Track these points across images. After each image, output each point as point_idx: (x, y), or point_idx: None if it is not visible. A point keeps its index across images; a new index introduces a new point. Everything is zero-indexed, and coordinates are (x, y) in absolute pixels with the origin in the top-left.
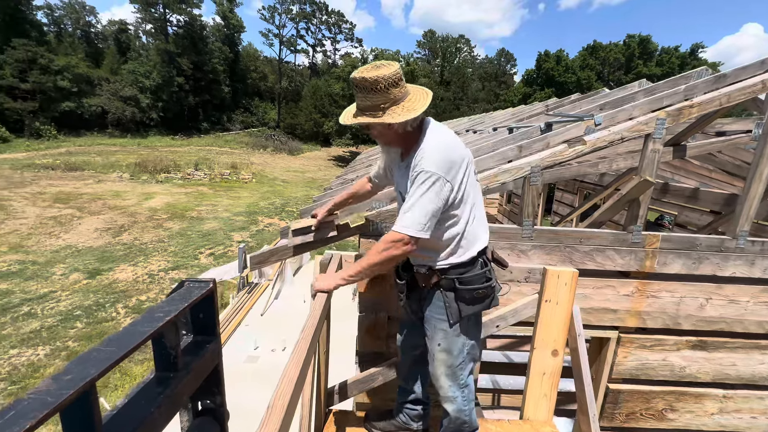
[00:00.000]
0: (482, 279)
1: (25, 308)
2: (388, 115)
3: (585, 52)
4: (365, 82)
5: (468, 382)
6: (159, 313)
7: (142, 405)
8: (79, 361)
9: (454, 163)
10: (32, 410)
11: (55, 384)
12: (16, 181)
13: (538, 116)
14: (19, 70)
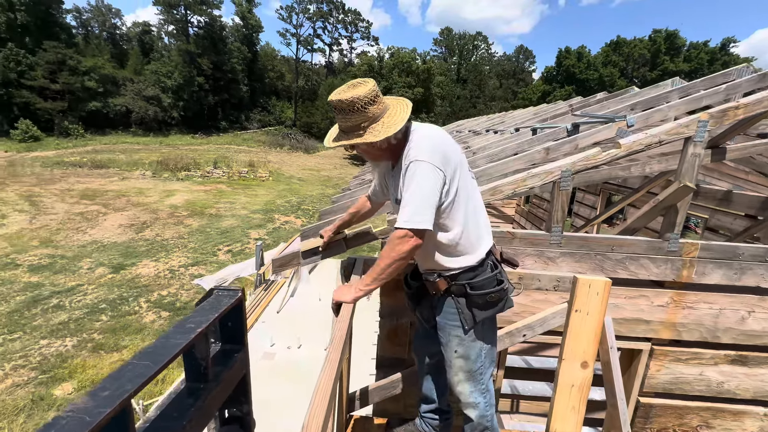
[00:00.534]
0: (493, 282)
1: (54, 300)
2: (369, 134)
3: (608, 48)
4: (342, 104)
5: (489, 386)
6: (190, 324)
7: (174, 418)
8: (115, 377)
9: (444, 154)
10: (71, 431)
11: (93, 401)
12: (47, 178)
13: (563, 116)
14: (49, 71)
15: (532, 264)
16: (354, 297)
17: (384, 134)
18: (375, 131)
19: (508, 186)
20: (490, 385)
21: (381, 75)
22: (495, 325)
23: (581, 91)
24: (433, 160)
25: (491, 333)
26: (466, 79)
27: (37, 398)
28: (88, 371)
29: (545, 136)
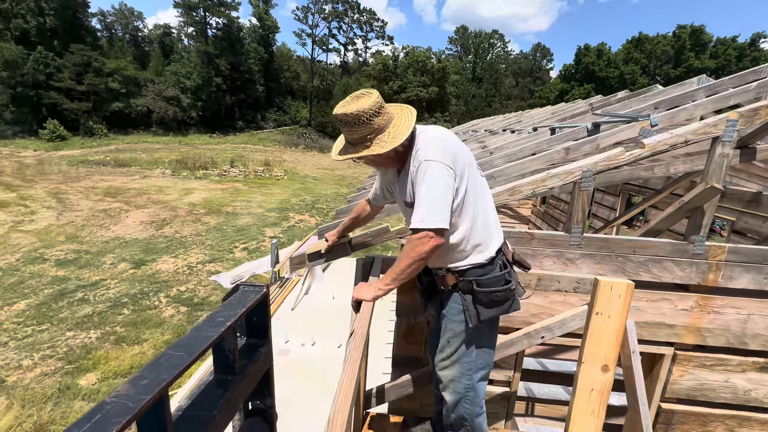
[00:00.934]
0: (501, 281)
1: (79, 294)
2: (376, 145)
3: (629, 44)
4: (347, 117)
5: (476, 387)
6: (220, 318)
7: (205, 407)
8: (152, 366)
9: (452, 153)
10: (115, 415)
11: (133, 388)
12: (72, 176)
13: (583, 115)
14: (75, 73)
15: (551, 265)
16: (374, 295)
17: (391, 145)
18: (382, 142)
19: (527, 186)
20: (479, 387)
21: (395, 74)
22: (496, 328)
23: (601, 89)
24: (443, 159)
25: (491, 335)
26: (482, 77)
27: (64, 387)
28: (111, 363)
29: (564, 136)
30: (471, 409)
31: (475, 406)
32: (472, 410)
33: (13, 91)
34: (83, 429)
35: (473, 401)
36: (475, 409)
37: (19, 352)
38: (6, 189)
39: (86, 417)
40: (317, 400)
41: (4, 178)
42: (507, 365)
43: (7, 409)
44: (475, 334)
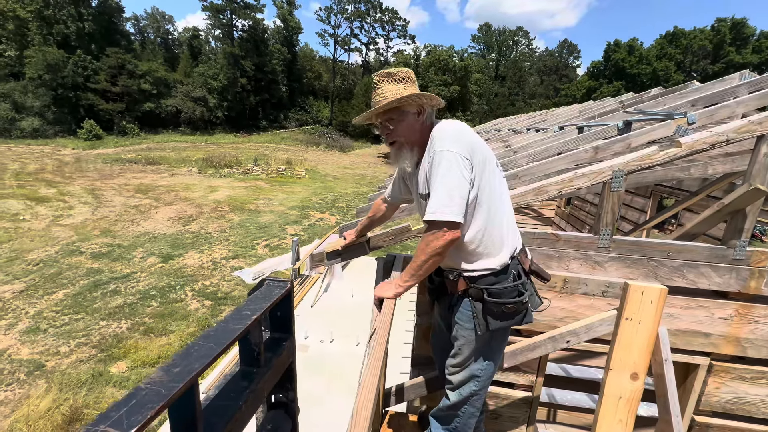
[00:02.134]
0: (513, 293)
1: (112, 286)
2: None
3: (663, 39)
4: (401, 72)
5: (480, 390)
6: (246, 311)
7: (231, 398)
8: (183, 355)
9: (470, 144)
10: (149, 401)
11: (166, 376)
12: (107, 174)
13: (612, 114)
14: (111, 75)
15: (578, 268)
16: (395, 293)
17: (427, 96)
18: (421, 95)
19: (553, 186)
20: (482, 392)
21: (417, 73)
22: (506, 337)
23: (631, 87)
24: (459, 150)
25: (500, 343)
26: (505, 76)
27: (97, 374)
28: (140, 352)
29: (593, 135)
30: (469, 409)
31: (472, 408)
32: (468, 410)
33: (54, 93)
34: (120, 412)
35: (473, 403)
36: (472, 410)
37: (57, 338)
38: (47, 185)
39: (123, 401)
40: (335, 396)
41: (45, 175)
42: (530, 369)
43: (46, 392)
44: (484, 341)
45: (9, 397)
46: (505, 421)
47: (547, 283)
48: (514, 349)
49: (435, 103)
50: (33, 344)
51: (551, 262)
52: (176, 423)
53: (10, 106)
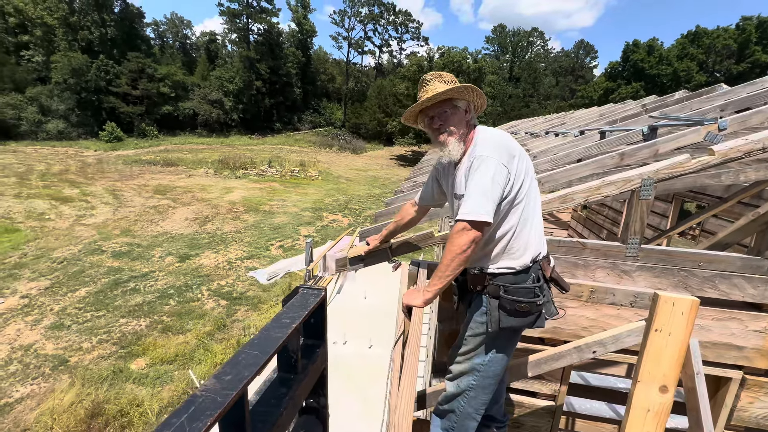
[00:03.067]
0: (530, 293)
1: (131, 284)
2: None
3: (684, 39)
4: (448, 76)
5: (479, 388)
6: (285, 319)
7: (272, 404)
8: (233, 363)
9: (510, 152)
10: (207, 408)
11: (219, 384)
12: (127, 175)
13: (635, 118)
14: (131, 79)
15: (604, 277)
16: (424, 300)
17: (480, 93)
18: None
19: (580, 194)
20: (481, 392)
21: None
22: (516, 340)
23: (651, 87)
24: (498, 156)
25: (509, 345)
26: (519, 77)
27: (117, 370)
28: (158, 350)
29: (616, 140)
30: (465, 408)
31: (469, 407)
32: (465, 409)
33: (78, 96)
34: (182, 419)
35: (470, 402)
36: (468, 409)
37: (80, 335)
38: (71, 185)
39: (182, 409)
40: (346, 398)
41: (69, 176)
42: (553, 378)
43: (70, 387)
44: (493, 339)
45: (35, 391)
46: (527, 431)
47: (565, 293)
48: (538, 358)
49: (481, 103)
50: (57, 340)
51: (577, 270)
52: (227, 429)
53: (37, 110)
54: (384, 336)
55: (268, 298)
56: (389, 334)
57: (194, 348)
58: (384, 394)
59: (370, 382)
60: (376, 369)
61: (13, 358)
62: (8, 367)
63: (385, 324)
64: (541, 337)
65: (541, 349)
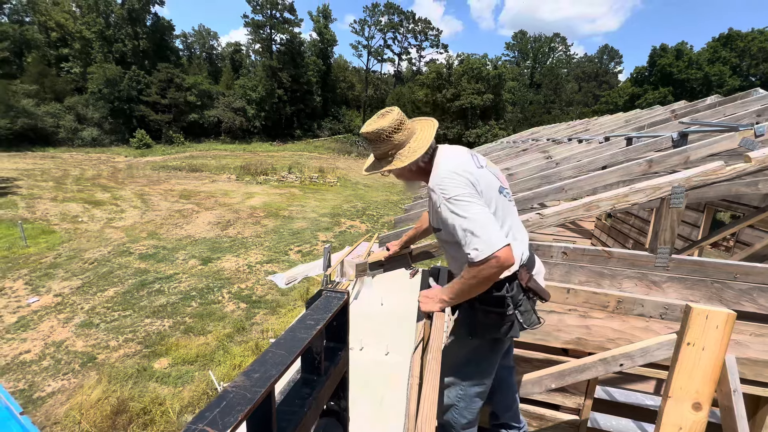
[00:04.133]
0: (500, 303)
1: (156, 285)
2: (397, 160)
3: (716, 42)
4: (370, 135)
5: (467, 397)
6: (310, 321)
7: (297, 404)
8: (261, 362)
9: (467, 178)
10: (237, 404)
11: (248, 381)
12: (154, 180)
13: (664, 124)
14: (161, 88)
15: (632, 288)
16: (439, 308)
17: (409, 159)
18: (402, 157)
19: (606, 201)
20: (471, 400)
21: (449, 82)
22: (498, 350)
23: (680, 93)
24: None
25: (490, 355)
26: (541, 83)
27: (141, 369)
28: (180, 350)
29: (644, 147)
30: (458, 419)
31: (461, 418)
32: (459, 421)
33: (111, 105)
34: (214, 413)
35: (461, 412)
36: (461, 420)
37: (107, 333)
38: (103, 190)
39: (215, 403)
40: (361, 405)
41: (101, 181)
42: (577, 392)
43: (97, 383)
44: (473, 347)
45: (65, 386)
46: None
47: (546, 302)
48: (561, 369)
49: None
50: (86, 337)
51: (603, 280)
52: (254, 425)
53: (73, 118)
54: (401, 343)
55: (286, 302)
56: (406, 341)
57: (214, 349)
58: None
59: (387, 389)
60: (393, 376)
61: (46, 354)
62: (42, 362)
63: (402, 331)
64: (564, 348)
65: (564, 361)
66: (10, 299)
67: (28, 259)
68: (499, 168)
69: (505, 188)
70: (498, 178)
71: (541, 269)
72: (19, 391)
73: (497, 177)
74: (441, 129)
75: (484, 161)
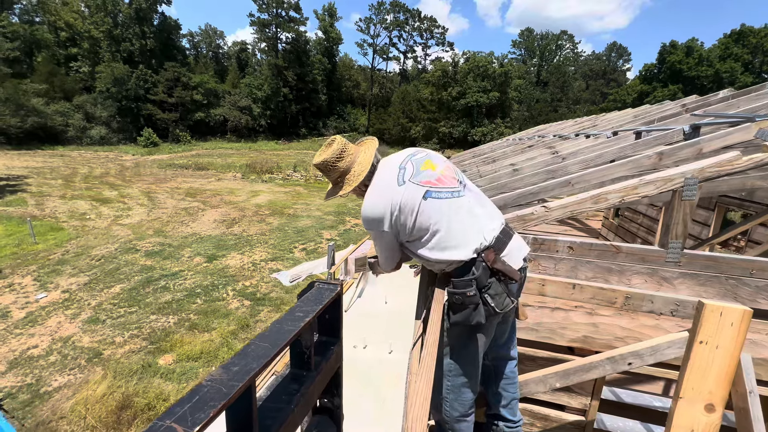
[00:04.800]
0: (467, 286)
1: (162, 282)
2: (346, 185)
3: (728, 39)
4: (319, 166)
5: (456, 390)
6: (298, 313)
7: (284, 400)
8: (242, 355)
9: (377, 216)
10: (211, 399)
11: (226, 374)
12: (161, 178)
13: (675, 118)
14: (167, 87)
15: (641, 284)
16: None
17: (355, 183)
18: (350, 181)
19: (614, 194)
20: (459, 392)
21: (455, 80)
22: (475, 340)
23: (690, 90)
24: (374, 227)
25: (468, 345)
26: (547, 81)
27: (146, 365)
28: (185, 347)
29: (654, 140)
30: (450, 412)
31: (453, 411)
32: (450, 414)
33: (119, 104)
34: (184, 408)
35: (452, 404)
36: (453, 413)
37: (113, 329)
38: (110, 188)
39: (187, 398)
40: (364, 403)
41: (109, 179)
42: (583, 391)
43: (103, 379)
44: (453, 336)
45: (71, 381)
46: None
47: (515, 282)
48: (567, 368)
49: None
50: (93, 333)
51: (611, 276)
52: (233, 422)
53: (82, 117)
54: (404, 341)
55: (291, 300)
56: (409, 340)
57: (218, 346)
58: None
59: (390, 388)
60: (396, 374)
61: (53, 349)
62: (49, 357)
63: (406, 329)
64: (570, 346)
65: (569, 359)
66: (19, 295)
67: (37, 256)
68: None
69: (437, 187)
70: (422, 184)
71: (515, 250)
72: (26, 386)
73: (422, 183)
74: (446, 127)
75: (410, 172)
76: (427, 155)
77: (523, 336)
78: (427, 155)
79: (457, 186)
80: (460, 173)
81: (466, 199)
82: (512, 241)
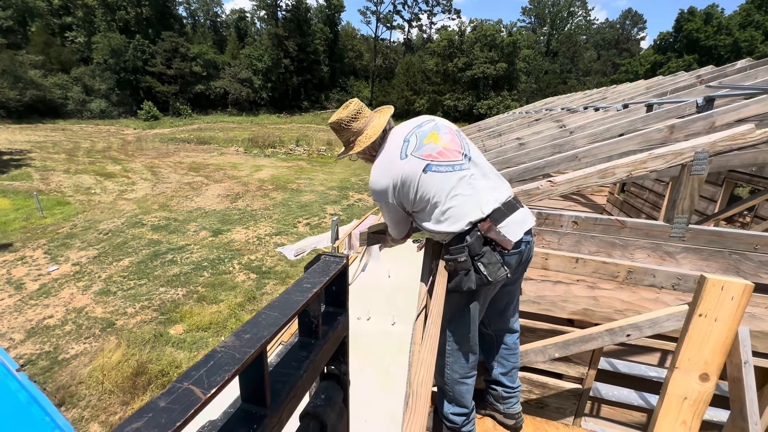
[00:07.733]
0: (461, 252)
1: (169, 256)
2: (357, 145)
3: (749, 5)
4: (333, 125)
5: (455, 353)
6: (306, 284)
7: (293, 366)
8: (253, 323)
9: (383, 187)
10: (226, 363)
11: (239, 341)
12: (163, 152)
13: (688, 90)
14: (166, 58)
15: (645, 258)
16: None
17: (364, 144)
18: (360, 142)
19: (622, 168)
20: (458, 356)
21: (461, 50)
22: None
23: (706, 61)
24: (381, 198)
25: (466, 311)
26: (557, 51)
27: (158, 334)
28: (194, 318)
29: (665, 113)
30: (451, 375)
31: (453, 373)
32: (452, 376)
33: (117, 76)
34: (201, 372)
35: (452, 368)
36: (454, 375)
37: (124, 301)
38: (113, 162)
39: (202, 362)
40: (367, 373)
41: (112, 153)
42: (582, 361)
43: (117, 347)
44: (452, 301)
45: (87, 349)
46: (551, 412)
47: (512, 254)
48: (566, 339)
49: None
50: (105, 304)
51: (614, 250)
52: (246, 386)
53: (81, 89)
54: (407, 314)
55: (296, 273)
56: (412, 312)
57: (226, 317)
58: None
59: (393, 357)
60: (398, 345)
61: (68, 319)
62: (64, 327)
63: (408, 302)
64: (570, 318)
65: (568, 331)
66: (32, 267)
67: (46, 230)
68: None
69: (438, 161)
70: (423, 158)
71: (516, 223)
72: (45, 353)
73: (423, 157)
74: (451, 100)
75: (414, 145)
76: (434, 126)
77: (525, 308)
78: (434, 126)
79: (459, 159)
80: (468, 144)
81: (468, 171)
82: (515, 214)
